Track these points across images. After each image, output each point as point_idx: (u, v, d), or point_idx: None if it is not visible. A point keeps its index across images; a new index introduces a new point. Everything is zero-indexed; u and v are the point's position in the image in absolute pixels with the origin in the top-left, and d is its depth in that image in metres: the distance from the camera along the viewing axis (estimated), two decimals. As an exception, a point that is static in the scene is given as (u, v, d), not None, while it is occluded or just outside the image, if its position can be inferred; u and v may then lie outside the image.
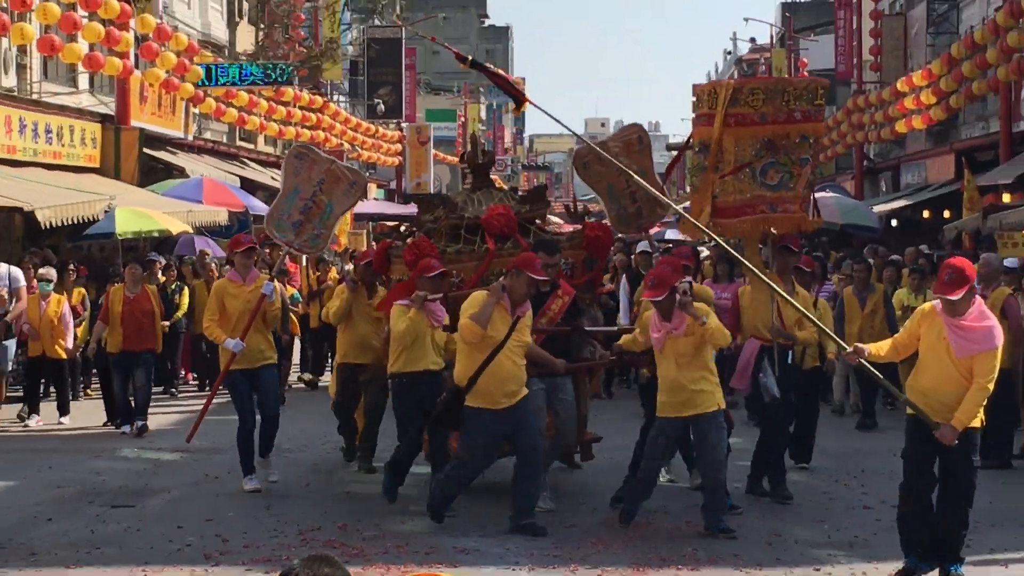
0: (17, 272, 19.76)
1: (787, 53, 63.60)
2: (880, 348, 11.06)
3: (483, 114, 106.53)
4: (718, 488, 12.55)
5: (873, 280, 20.18)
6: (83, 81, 34.23)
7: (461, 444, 12.91)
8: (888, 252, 25.92)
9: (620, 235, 17.72)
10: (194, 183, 32.43)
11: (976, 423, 10.55)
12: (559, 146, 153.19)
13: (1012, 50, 28.38)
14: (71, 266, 22.93)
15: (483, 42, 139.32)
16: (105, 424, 19.44)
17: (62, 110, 31.68)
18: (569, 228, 15.95)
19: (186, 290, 23.58)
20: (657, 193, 13.84)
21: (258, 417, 14.70)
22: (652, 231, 18.97)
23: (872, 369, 11.37)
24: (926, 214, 37.35)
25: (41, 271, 20.27)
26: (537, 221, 14.68)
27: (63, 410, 19.97)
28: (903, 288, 20.39)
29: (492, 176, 15.23)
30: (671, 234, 31.84)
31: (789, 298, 12.43)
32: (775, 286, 12.35)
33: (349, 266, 22.52)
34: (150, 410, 19.14)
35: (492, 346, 12.21)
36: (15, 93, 30.27)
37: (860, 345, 11.17)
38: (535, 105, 13.73)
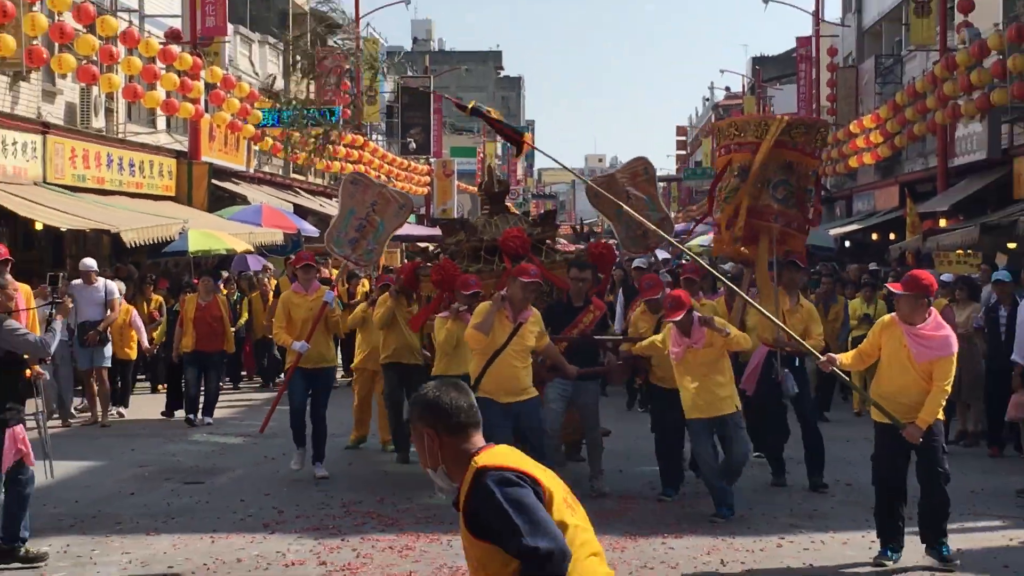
0: (113, 285, 19.54)
1: (757, 100, 63.65)
2: (847, 357, 10.87)
3: (499, 151, 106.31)
4: (735, 478, 12.49)
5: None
6: (161, 123, 34.27)
7: None
8: (840, 269, 25.93)
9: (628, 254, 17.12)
10: (254, 209, 32.45)
11: (940, 415, 10.30)
12: (563, 178, 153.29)
13: (947, 98, 28.45)
14: (151, 278, 23.00)
15: (499, 90, 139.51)
16: (162, 415, 19.42)
17: (143, 147, 31.75)
18: (573, 248, 15.66)
19: (246, 300, 23.53)
20: (642, 220, 12.87)
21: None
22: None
23: (842, 375, 11.21)
24: (874, 236, 37.32)
25: (116, 280, 20.25)
26: (547, 242, 14.45)
27: (122, 402, 19.89)
28: (857, 298, 20.24)
29: (506, 203, 15.02)
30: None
31: (754, 303, 12.00)
32: (745, 296, 12.12)
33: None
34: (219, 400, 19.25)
35: (494, 350, 11.92)
36: (104, 133, 30.37)
37: (832, 355, 10.79)
38: (535, 147, 14.70)
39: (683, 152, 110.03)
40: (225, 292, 22.66)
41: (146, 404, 20.57)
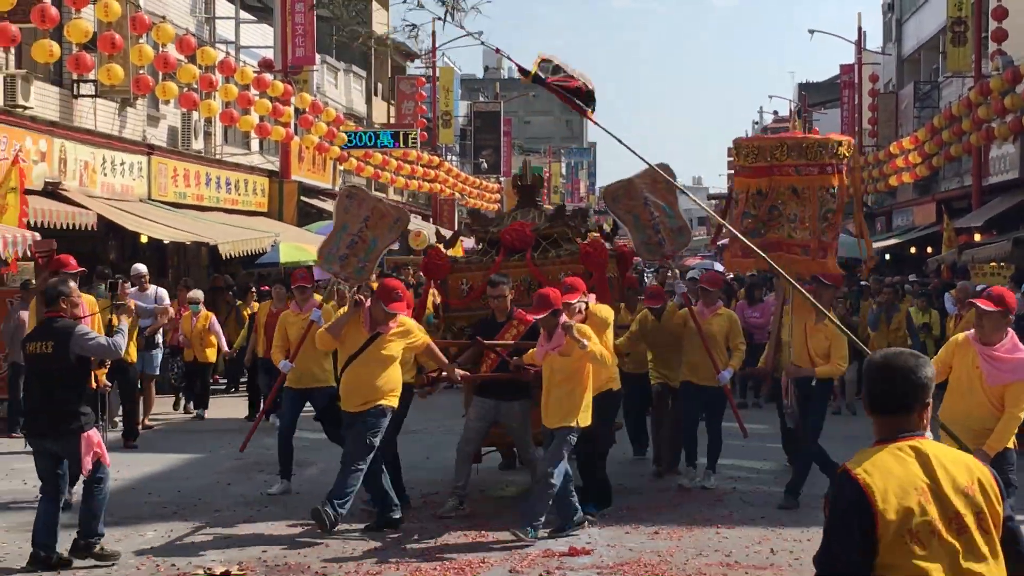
0: (163, 292, 19.06)
1: (803, 124, 63.29)
2: None
3: (564, 171, 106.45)
4: (546, 490, 10.64)
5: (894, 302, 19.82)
6: (255, 145, 34.53)
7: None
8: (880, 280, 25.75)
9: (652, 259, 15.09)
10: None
11: (1010, 444, 8.92)
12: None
13: (982, 121, 28.26)
14: (252, 288, 22.89)
15: (563, 114, 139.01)
16: (246, 418, 18.79)
17: (238, 167, 32.01)
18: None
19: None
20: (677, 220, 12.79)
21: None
22: (692, 261, 18.39)
23: None
24: (912, 250, 37.07)
25: (189, 295, 19.89)
26: (555, 237, 12.87)
27: (203, 405, 19.64)
28: (913, 307, 19.67)
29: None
30: (718, 266, 30.69)
31: (832, 317, 10.27)
32: (824, 310, 10.13)
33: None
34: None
35: (348, 355, 10.93)
36: (203, 154, 30.66)
37: None
38: (596, 123, 11.64)
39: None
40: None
41: (227, 405, 20.60)
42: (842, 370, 12.71)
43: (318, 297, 13.90)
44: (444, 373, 11.85)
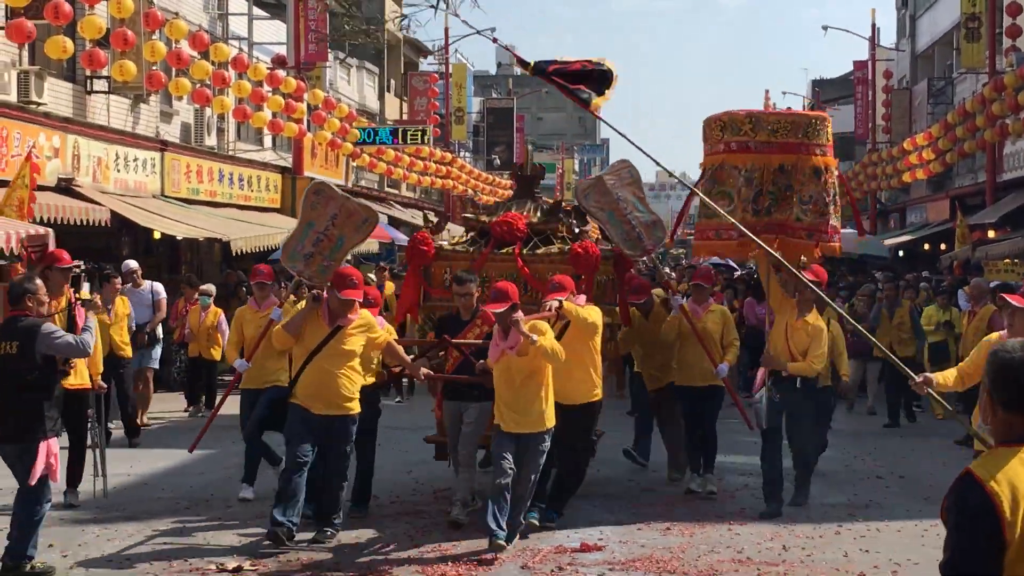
0: (159, 287, 19.01)
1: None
2: (947, 378, 8.62)
3: (576, 167, 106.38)
4: (527, 499, 10.46)
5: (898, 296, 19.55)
6: (267, 141, 34.60)
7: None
8: (896, 276, 25.70)
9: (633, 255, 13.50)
10: (352, 220, 32.58)
11: None
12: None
13: (996, 117, 28.17)
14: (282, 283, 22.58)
15: (576, 111, 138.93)
16: None
17: (251, 163, 32.04)
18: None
19: None
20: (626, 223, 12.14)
21: None
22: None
23: (939, 399, 8.07)
24: (926, 246, 37.02)
25: (202, 287, 19.68)
26: (548, 233, 12.27)
27: (210, 404, 18.78)
28: (932, 306, 19.37)
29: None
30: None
31: (842, 311, 10.24)
32: (837, 307, 10.07)
33: None
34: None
35: (308, 352, 10.35)
36: (215, 150, 30.71)
37: (929, 375, 8.48)
38: (598, 117, 11.64)
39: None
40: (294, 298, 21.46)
41: (233, 403, 20.54)
42: (817, 369, 11.85)
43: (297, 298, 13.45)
44: (406, 370, 11.65)
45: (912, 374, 8.16)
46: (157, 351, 18.50)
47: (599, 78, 11.27)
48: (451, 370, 11.27)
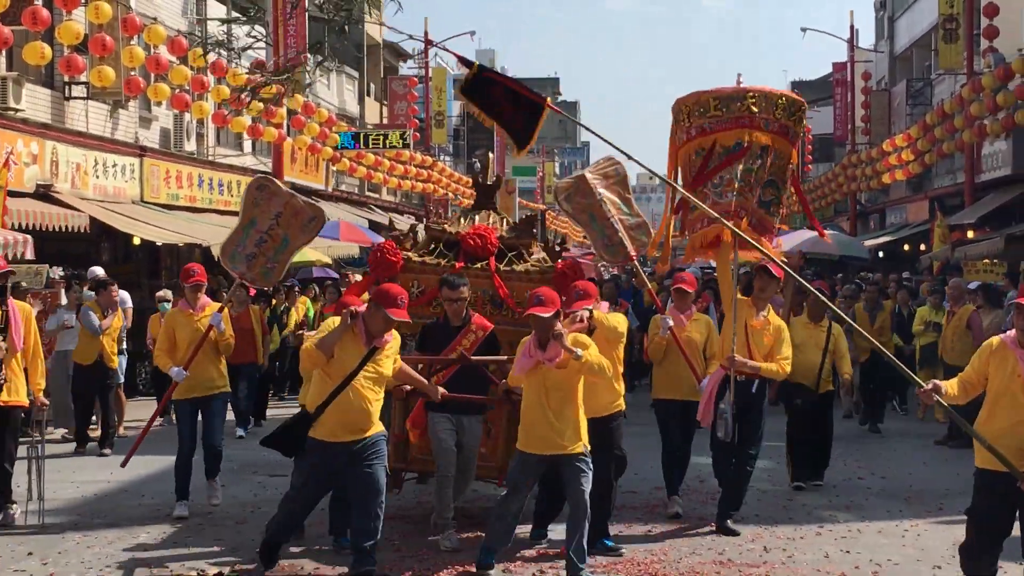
0: (126, 295, 18.43)
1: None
2: (951, 387, 7.76)
3: (557, 170, 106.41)
4: (584, 521, 9.29)
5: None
6: (247, 146, 34.54)
7: (294, 477, 9.82)
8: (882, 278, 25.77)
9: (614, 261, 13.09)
10: (332, 225, 32.46)
11: None
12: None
13: (974, 118, 28.28)
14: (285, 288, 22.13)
15: (553, 116, 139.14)
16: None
17: (231, 168, 32.03)
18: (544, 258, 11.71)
19: (293, 310, 21.58)
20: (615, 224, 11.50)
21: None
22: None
23: (948, 408, 8.07)
24: (906, 247, 37.13)
25: (159, 293, 19.11)
26: (520, 249, 11.42)
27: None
28: (925, 306, 18.99)
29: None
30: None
31: (844, 315, 9.60)
32: (838, 310, 9.50)
33: None
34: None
35: (343, 375, 9.01)
36: (195, 155, 30.66)
37: (938, 383, 7.76)
38: (555, 108, 10.01)
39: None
40: (275, 302, 21.39)
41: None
42: (787, 371, 11.26)
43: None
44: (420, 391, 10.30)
45: (920, 382, 7.88)
46: (123, 362, 17.89)
47: (529, 109, 10.15)
48: (441, 382, 10.23)
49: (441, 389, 9.99)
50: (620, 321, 10.37)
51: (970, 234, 29.17)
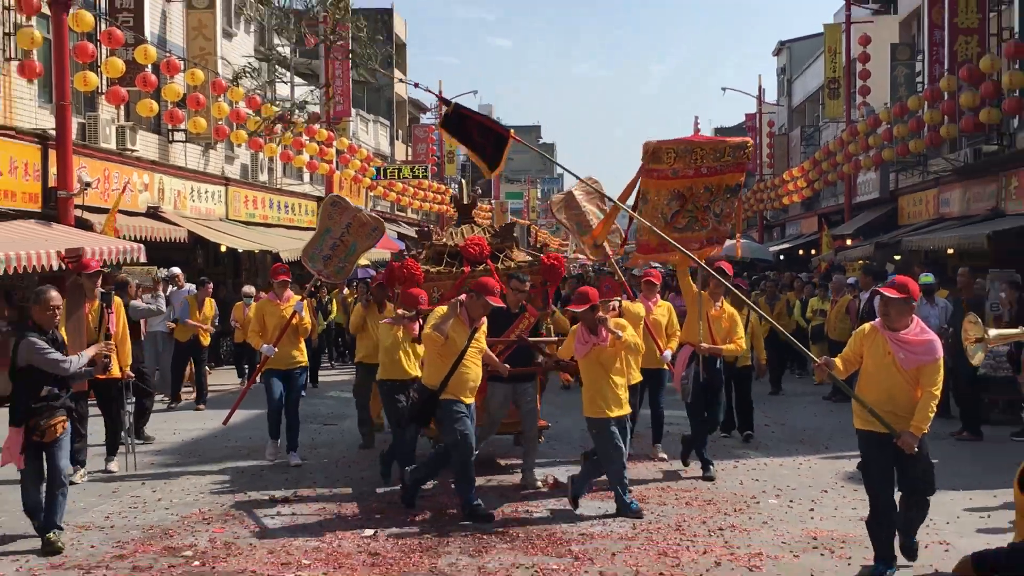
0: (192, 287, 17.43)
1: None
2: (838, 363, 7.38)
3: (539, 195, 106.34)
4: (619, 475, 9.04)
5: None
6: (306, 177, 34.45)
7: (447, 433, 9.06)
8: (779, 275, 25.80)
9: (596, 260, 12.51)
10: (370, 236, 32.50)
11: (926, 428, 7.05)
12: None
13: (852, 155, 28.38)
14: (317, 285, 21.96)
15: (536, 155, 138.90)
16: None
17: (293, 194, 31.93)
18: (528, 258, 11.13)
19: (335, 301, 21.15)
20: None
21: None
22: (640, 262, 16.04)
23: (840, 381, 7.56)
24: (801, 252, 37.15)
25: (244, 289, 18.77)
26: (505, 251, 11.01)
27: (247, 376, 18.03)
28: (815, 297, 18.65)
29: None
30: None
31: (753, 305, 9.00)
32: (751, 303, 8.81)
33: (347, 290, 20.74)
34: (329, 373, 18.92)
35: (455, 353, 8.90)
36: (267, 184, 30.58)
37: (829, 359, 7.40)
38: (518, 139, 9.45)
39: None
40: (320, 294, 20.93)
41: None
42: (743, 348, 11.26)
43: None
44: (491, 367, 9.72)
45: (815, 358, 7.59)
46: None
47: (496, 140, 9.45)
48: (504, 359, 9.89)
49: (506, 366, 9.68)
50: (640, 308, 10.47)
51: (849, 242, 29.28)
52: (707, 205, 10.11)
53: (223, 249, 23.63)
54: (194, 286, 17.44)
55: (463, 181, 13.76)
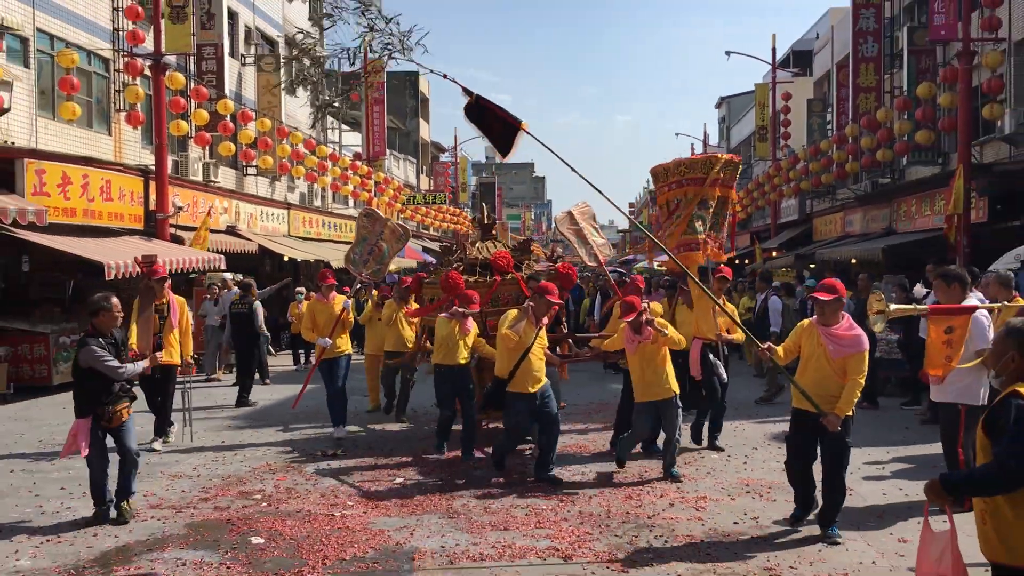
0: (237, 290, 16.47)
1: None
2: (780, 351, 6.97)
3: (533, 217, 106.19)
4: (674, 446, 8.48)
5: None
6: (351, 202, 34.44)
7: (507, 419, 8.62)
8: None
9: (592, 267, 11.75)
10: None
11: (849, 411, 6.59)
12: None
13: (776, 186, 28.39)
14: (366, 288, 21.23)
15: (533, 184, 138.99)
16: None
17: (341, 216, 31.90)
18: (545, 266, 10.78)
19: (370, 301, 20.66)
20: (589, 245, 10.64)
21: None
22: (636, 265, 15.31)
23: (777, 364, 7.04)
24: (737, 262, 37.11)
25: (297, 289, 17.65)
26: (525, 262, 10.59)
27: (300, 361, 17.51)
28: (745, 296, 18.00)
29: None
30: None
31: (718, 302, 8.46)
32: (716, 299, 8.29)
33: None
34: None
35: (523, 348, 8.37)
36: (320, 208, 30.54)
37: (772, 345, 6.98)
38: (530, 133, 8.30)
39: (633, 216, 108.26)
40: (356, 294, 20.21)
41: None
42: (742, 338, 9.96)
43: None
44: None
45: (760, 344, 7.04)
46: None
47: (509, 129, 8.37)
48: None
49: (551, 355, 9.06)
50: (659, 307, 9.53)
51: (774, 254, 29.25)
52: (696, 213, 9.28)
53: (286, 259, 23.63)
54: (237, 288, 16.83)
55: (484, 205, 13.27)
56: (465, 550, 6.34)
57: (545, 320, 8.54)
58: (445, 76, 8.73)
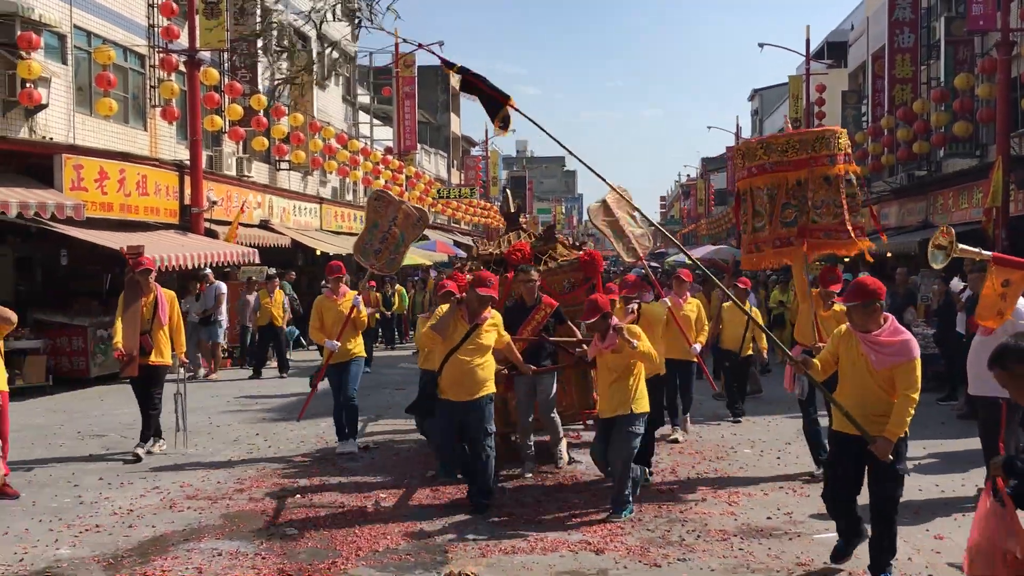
0: (223, 285, 16.22)
1: (705, 184, 63.12)
2: (816, 364, 5.81)
3: (564, 211, 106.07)
4: (624, 477, 6.98)
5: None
6: (382, 197, 34.63)
7: (430, 430, 8.01)
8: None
9: (631, 261, 10.13)
10: (431, 243, 32.60)
11: (901, 433, 5.37)
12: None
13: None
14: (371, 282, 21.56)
15: (564, 177, 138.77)
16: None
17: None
18: (574, 255, 9.41)
19: (398, 294, 20.56)
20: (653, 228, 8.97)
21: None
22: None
23: (814, 380, 5.88)
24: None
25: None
26: (549, 252, 9.40)
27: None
28: (775, 289, 17.55)
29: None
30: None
31: (744, 307, 7.51)
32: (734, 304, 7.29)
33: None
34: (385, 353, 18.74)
35: (450, 348, 7.22)
36: (352, 202, 30.71)
37: (807, 358, 5.89)
38: (518, 110, 7.23)
39: (663, 210, 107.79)
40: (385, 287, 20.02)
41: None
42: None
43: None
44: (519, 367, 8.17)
45: (789, 354, 6.26)
46: (220, 330, 16.18)
47: (490, 103, 7.33)
48: (522, 351, 8.18)
49: (530, 366, 8.12)
50: (659, 310, 8.39)
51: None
52: (805, 196, 7.22)
53: (318, 253, 23.79)
54: (223, 283, 16.41)
55: (508, 191, 12.30)
56: (497, 543, 6.35)
57: (484, 316, 7.33)
58: (420, 46, 8.04)
